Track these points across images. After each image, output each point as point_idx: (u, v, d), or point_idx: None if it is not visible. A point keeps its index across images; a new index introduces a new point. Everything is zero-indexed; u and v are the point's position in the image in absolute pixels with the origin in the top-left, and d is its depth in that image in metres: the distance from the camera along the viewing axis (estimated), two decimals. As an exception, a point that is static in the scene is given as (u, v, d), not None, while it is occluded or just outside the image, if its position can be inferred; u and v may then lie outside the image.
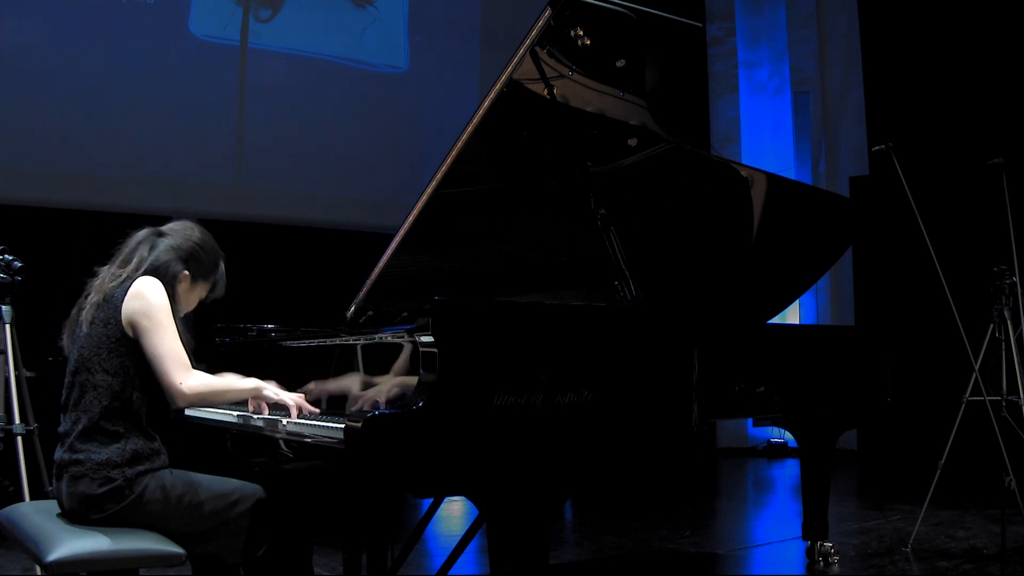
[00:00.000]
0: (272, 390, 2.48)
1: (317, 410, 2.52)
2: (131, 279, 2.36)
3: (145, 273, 2.39)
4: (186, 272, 2.46)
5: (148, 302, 2.30)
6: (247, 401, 2.68)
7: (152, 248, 2.44)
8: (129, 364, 2.31)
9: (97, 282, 2.41)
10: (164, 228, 2.51)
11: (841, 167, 8.39)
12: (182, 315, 2.53)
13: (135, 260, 2.41)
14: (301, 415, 2.45)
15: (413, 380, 2.30)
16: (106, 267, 2.44)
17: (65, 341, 2.42)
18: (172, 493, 2.27)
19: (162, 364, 2.29)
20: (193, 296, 2.53)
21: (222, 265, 2.57)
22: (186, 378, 2.30)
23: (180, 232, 2.50)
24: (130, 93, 6.03)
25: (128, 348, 2.31)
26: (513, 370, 2.23)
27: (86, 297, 2.40)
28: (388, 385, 2.49)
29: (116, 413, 2.28)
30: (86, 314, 2.36)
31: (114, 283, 2.37)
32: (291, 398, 2.47)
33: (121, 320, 2.30)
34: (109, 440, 2.26)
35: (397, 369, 2.48)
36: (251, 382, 2.48)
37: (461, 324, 2.19)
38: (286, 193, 6.64)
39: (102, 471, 2.22)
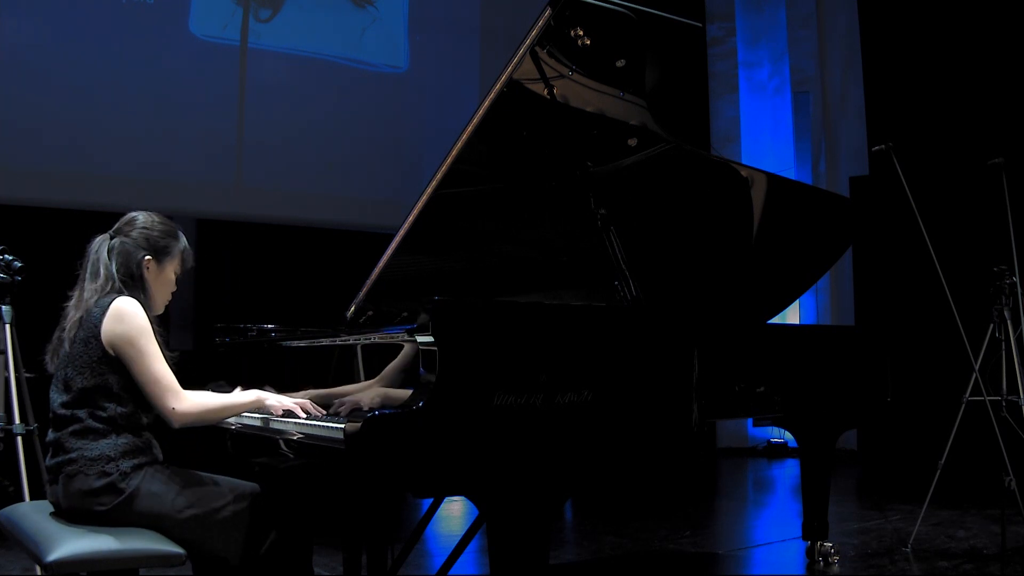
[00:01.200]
0: (274, 398, 2.48)
1: (323, 411, 2.51)
2: (107, 295, 2.36)
3: (118, 282, 2.39)
4: (148, 257, 2.47)
5: (129, 326, 2.30)
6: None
7: (110, 251, 2.44)
8: (112, 381, 2.32)
9: (73, 302, 2.42)
10: (113, 229, 2.52)
11: (841, 167, 8.39)
12: (167, 298, 2.54)
13: (101, 270, 2.41)
14: (310, 417, 2.45)
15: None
16: (76, 288, 2.44)
17: (48, 362, 2.43)
18: (169, 487, 2.29)
19: (152, 390, 2.31)
20: (166, 276, 2.53)
21: (182, 237, 2.57)
22: (178, 402, 2.31)
23: (128, 225, 2.51)
24: (130, 93, 6.03)
25: (110, 366, 2.32)
26: (513, 370, 2.23)
27: (65, 319, 2.41)
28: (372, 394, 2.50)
29: (104, 421, 2.30)
30: (67, 333, 2.37)
31: (91, 300, 2.37)
32: (294, 403, 2.47)
33: (101, 339, 2.31)
34: (100, 436, 2.28)
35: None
36: (251, 395, 2.47)
37: (461, 324, 2.19)
38: (286, 193, 6.64)
39: (96, 465, 2.24)
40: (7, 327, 3.50)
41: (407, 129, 7.12)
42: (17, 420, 3.48)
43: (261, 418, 2.60)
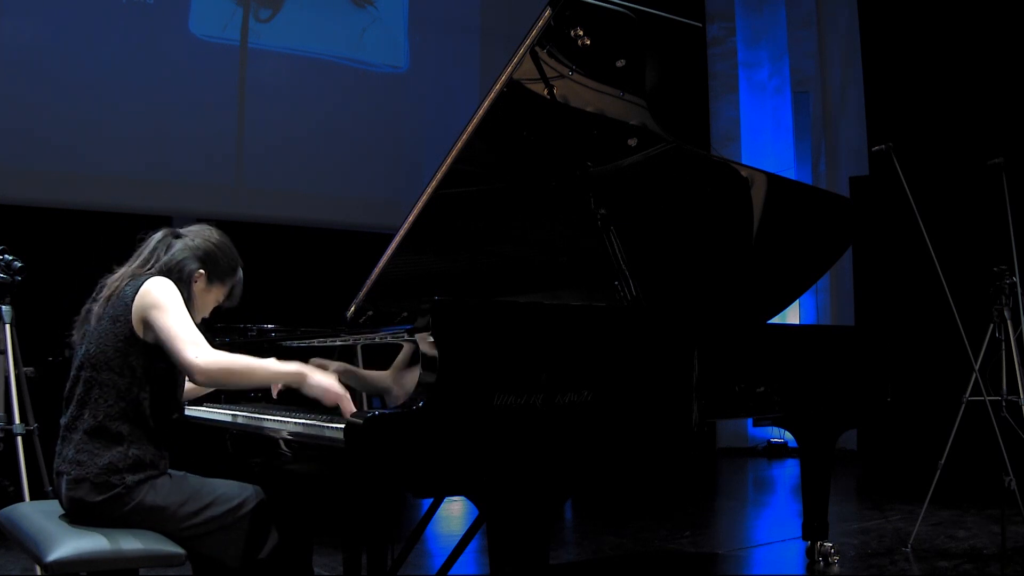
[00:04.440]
0: (318, 379, 2.29)
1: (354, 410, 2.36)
2: (144, 277, 2.32)
3: (159, 272, 2.36)
4: (202, 271, 2.42)
5: (156, 294, 2.25)
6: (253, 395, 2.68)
7: (168, 248, 2.41)
8: (136, 364, 2.27)
9: (110, 279, 2.38)
10: (182, 230, 2.48)
11: (841, 167, 8.39)
12: (197, 320, 2.47)
13: (151, 260, 2.39)
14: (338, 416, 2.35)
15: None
16: (123, 267, 2.42)
17: (75, 337, 2.38)
18: (173, 499, 2.26)
19: (173, 344, 2.20)
20: (209, 298, 2.48)
21: (240, 272, 2.52)
22: (201, 352, 2.20)
23: (197, 233, 2.47)
24: (130, 93, 6.03)
25: (136, 348, 2.27)
26: (513, 370, 2.23)
27: (98, 294, 2.37)
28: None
29: (122, 415, 2.25)
30: (96, 310, 2.33)
31: (126, 280, 2.33)
32: (339, 391, 2.30)
33: (131, 318, 2.26)
34: (112, 443, 2.23)
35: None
36: (292, 365, 2.30)
37: (461, 324, 2.19)
38: (286, 193, 6.64)
39: (102, 476, 2.20)
40: (7, 327, 3.50)
41: (407, 129, 7.12)
42: (17, 420, 3.48)
43: (258, 417, 2.59)
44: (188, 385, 2.48)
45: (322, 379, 2.32)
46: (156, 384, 2.30)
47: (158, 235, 2.46)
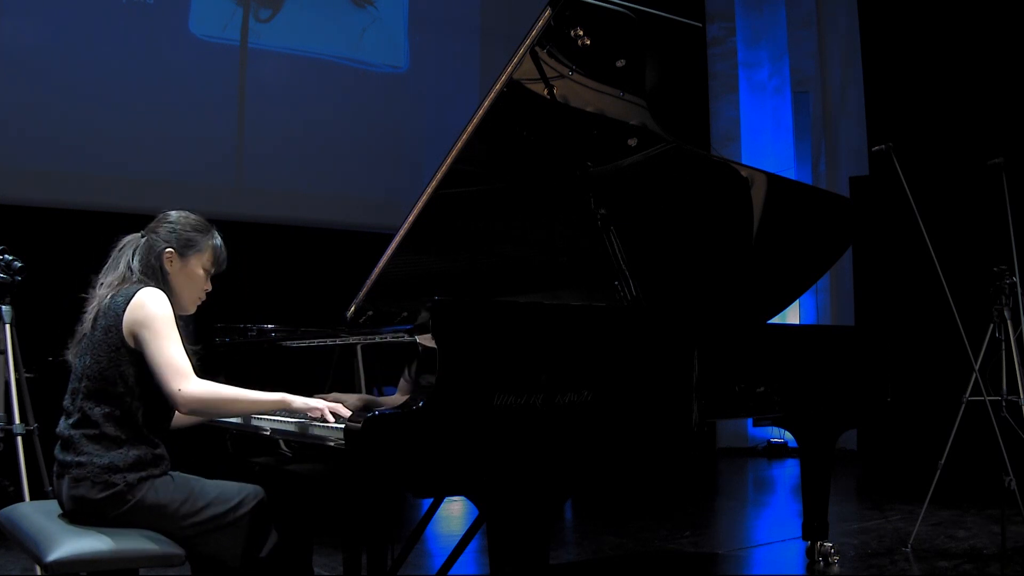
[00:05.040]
0: (301, 401, 2.34)
1: (349, 412, 2.32)
2: (130, 286, 2.36)
3: (140, 274, 2.39)
4: (169, 249, 2.44)
5: (148, 312, 2.29)
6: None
7: (135, 250, 2.44)
8: (128, 372, 2.29)
9: (98, 292, 2.41)
10: (146, 228, 2.51)
11: (841, 167, 8.39)
12: (196, 296, 2.50)
13: (122, 264, 2.42)
14: (338, 419, 2.29)
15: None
16: (101, 278, 2.44)
17: (70, 354, 2.41)
18: (173, 498, 2.27)
19: (161, 372, 2.26)
20: (193, 272, 2.48)
21: (215, 236, 2.53)
22: (185, 384, 2.25)
23: (158, 223, 2.50)
24: (130, 93, 6.03)
25: (128, 357, 2.30)
26: (513, 370, 2.23)
27: (85, 311, 2.40)
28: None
29: (118, 421, 2.27)
30: (86, 325, 2.37)
31: (112, 291, 2.36)
32: (322, 404, 2.32)
33: (122, 328, 2.29)
34: (112, 445, 2.25)
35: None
36: (275, 395, 2.34)
37: (461, 324, 2.19)
38: (286, 193, 6.64)
39: (104, 475, 2.21)
40: (7, 327, 3.51)
41: (407, 129, 7.12)
42: (17, 420, 3.48)
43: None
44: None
45: (305, 400, 2.35)
46: (149, 391, 2.32)
47: (124, 240, 2.48)
